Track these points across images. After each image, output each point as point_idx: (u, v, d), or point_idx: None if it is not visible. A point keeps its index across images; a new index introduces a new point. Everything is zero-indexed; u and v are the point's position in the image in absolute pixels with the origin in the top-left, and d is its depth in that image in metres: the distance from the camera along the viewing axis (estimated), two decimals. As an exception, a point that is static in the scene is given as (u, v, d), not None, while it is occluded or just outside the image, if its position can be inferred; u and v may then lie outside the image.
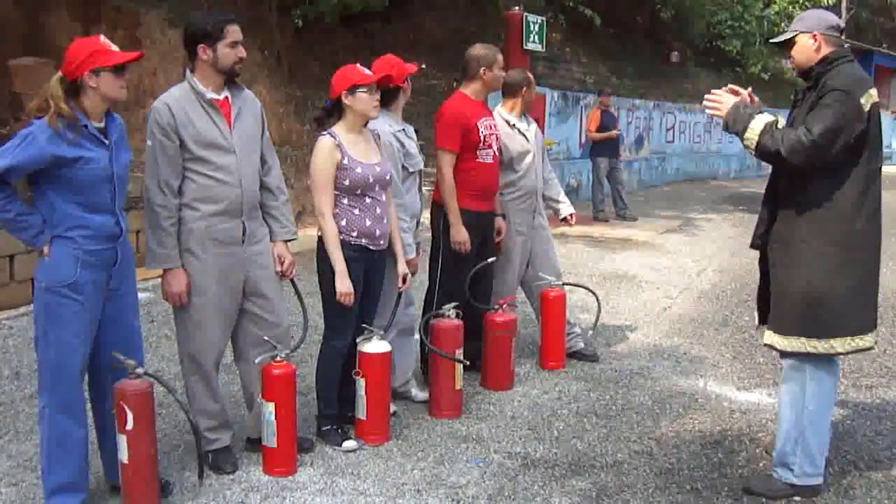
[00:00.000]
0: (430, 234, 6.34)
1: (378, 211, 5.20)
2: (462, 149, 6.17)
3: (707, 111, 4.83)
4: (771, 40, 5.35)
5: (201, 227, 4.64)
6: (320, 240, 5.14)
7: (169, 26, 12.73)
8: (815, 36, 4.57)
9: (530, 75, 6.88)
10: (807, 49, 4.61)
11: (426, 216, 6.41)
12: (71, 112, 4.02)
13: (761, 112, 4.59)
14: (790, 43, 4.68)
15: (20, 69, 10.44)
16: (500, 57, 6.34)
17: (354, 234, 5.13)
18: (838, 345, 4.53)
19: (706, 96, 4.84)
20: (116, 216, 4.23)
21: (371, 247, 5.20)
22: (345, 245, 5.11)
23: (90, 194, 4.11)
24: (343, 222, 5.12)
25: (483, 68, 6.31)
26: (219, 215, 4.65)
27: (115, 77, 4.12)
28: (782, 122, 4.59)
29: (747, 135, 4.53)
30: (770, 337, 4.72)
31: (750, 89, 4.79)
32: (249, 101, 4.89)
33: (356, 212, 5.13)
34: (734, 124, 4.62)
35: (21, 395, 6.02)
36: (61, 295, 4.09)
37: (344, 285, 5.05)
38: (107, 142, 4.16)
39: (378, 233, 5.20)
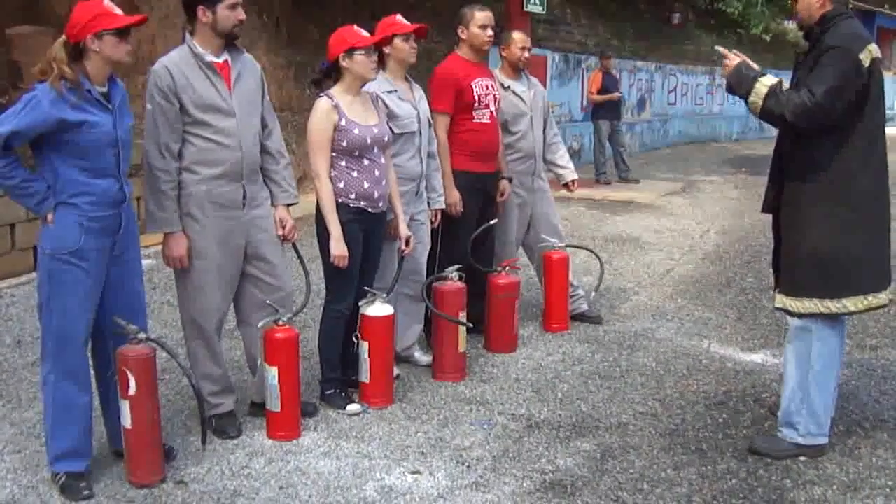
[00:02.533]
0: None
1: (377, 173, 5.17)
2: (457, 110, 6.12)
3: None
4: None
5: (202, 191, 4.61)
6: (319, 204, 5.11)
7: (167, -8, 12.63)
8: None
9: (515, 33, 6.74)
10: (810, 4, 4.54)
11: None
12: (74, 75, 3.98)
13: (764, 74, 4.54)
14: None
15: (19, 38, 10.36)
16: (479, 14, 6.19)
17: (353, 196, 5.10)
18: (851, 304, 4.52)
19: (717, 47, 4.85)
20: (120, 181, 4.20)
21: (370, 209, 5.18)
22: (343, 207, 5.09)
23: (94, 159, 4.08)
24: (341, 185, 5.09)
25: (461, 27, 6.26)
26: (219, 178, 4.62)
27: (119, 40, 4.07)
28: (786, 84, 4.54)
29: (752, 98, 4.50)
30: (782, 300, 4.69)
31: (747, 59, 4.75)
32: (249, 65, 4.85)
33: (354, 174, 5.10)
34: (738, 87, 4.59)
35: (23, 362, 6.01)
36: (66, 262, 4.07)
37: (338, 248, 5.04)
38: (110, 106, 4.13)
39: (377, 195, 5.17)
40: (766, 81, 4.48)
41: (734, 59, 4.66)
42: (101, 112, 4.08)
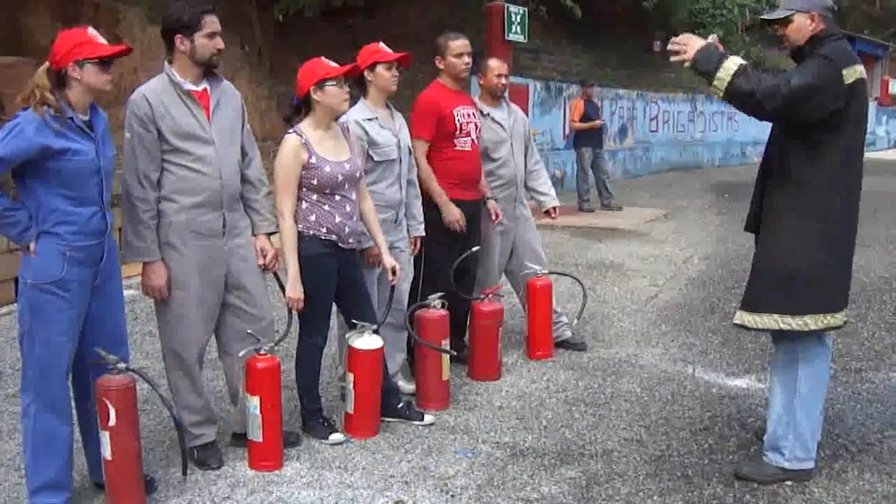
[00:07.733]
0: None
1: (348, 209, 5.13)
2: (438, 137, 6.13)
3: (672, 59, 4.57)
4: (764, 15, 5.12)
5: (181, 220, 4.58)
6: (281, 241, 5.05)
7: (149, 24, 12.65)
8: (812, 17, 4.50)
9: (490, 61, 6.73)
10: (803, 29, 4.51)
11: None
12: (56, 102, 3.98)
13: (734, 55, 4.46)
14: (785, 21, 4.60)
15: (1, 68, 10.37)
16: (453, 43, 6.22)
17: (324, 230, 5.06)
18: (812, 321, 4.48)
19: (673, 39, 4.57)
20: (103, 210, 4.18)
21: (341, 245, 5.13)
22: (315, 240, 5.04)
23: (77, 187, 4.06)
24: (312, 217, 5.05)
25: (438, 57, 6.30)
26: (199, 207, 4.60)
27: (100, 70, 4.08)
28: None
29: (719, 74, 4.34)
30: (741, 316, 4.66)
31: (716, 37, 4.58)
32: (229, 93, 4.84)
33: (325, 208, 5.06)
34: (705, 63, 4.40)
35: (3, 394, 5.97)
36: (48, 292, 4.05)
37: (294, 290, 4.97)
38: (93, 135, 4.12)
39: (347, 230, 5.13)
40: (737, 60, 4.36)
41: (691, 39, 4.48)
42: (84, 140, 4.07)
